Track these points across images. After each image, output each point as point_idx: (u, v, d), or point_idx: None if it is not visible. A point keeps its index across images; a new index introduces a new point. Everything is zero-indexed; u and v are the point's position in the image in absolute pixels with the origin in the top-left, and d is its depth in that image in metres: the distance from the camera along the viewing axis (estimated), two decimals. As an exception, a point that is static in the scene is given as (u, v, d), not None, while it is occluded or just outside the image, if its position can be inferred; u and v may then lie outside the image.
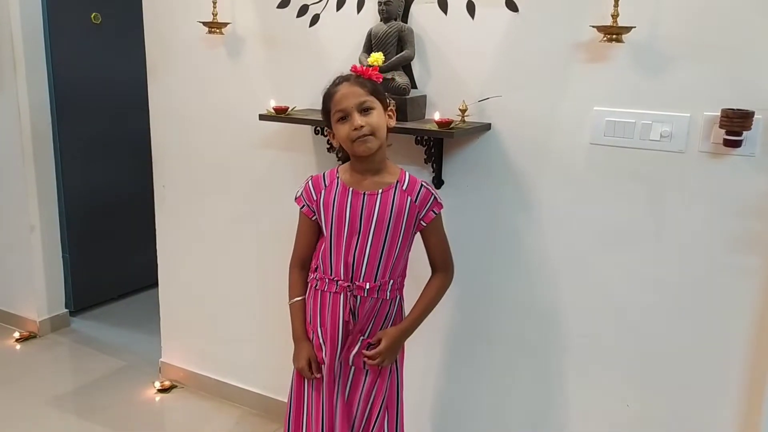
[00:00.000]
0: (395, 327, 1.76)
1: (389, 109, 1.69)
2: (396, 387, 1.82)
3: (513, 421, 2.10)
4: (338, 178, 1.73)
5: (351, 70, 1.68)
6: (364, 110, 1.62)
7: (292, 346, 1.87)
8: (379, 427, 1.78)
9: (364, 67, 1.69)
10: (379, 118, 1.64)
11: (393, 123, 1.70)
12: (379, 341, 1.73)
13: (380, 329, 1.76)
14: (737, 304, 1.73)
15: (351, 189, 1.70)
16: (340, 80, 1.65)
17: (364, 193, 1.68)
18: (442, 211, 1.75)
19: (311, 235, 1.79)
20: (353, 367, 1.78)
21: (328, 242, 1.72)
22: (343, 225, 1.69)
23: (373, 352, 1.72)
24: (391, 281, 1.72)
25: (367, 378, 1.77)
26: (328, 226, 1.71)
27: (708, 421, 1.81)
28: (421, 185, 1.71)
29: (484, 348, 2.10)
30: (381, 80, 1.70)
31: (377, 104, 1.64)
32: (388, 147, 1.74)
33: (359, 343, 1.75)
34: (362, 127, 1.60)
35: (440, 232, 1.78)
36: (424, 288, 1.79)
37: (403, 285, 1.79)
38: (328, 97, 1.65)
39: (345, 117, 1.63)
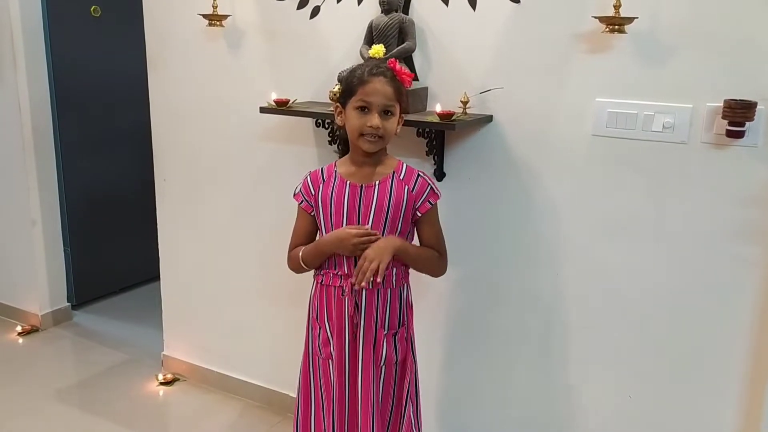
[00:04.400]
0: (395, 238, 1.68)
1: (401, 115, 1.69)
2: (415, 379, 1.82)
3: (514, 411, 2.11)
4: (336, 171, 1.73)
5: (389, 65, 1.66)
6: (386, 113, 1.63)
7: (293, 339, 1.87)
8: (407, 417, 1.78)
9: (400, 67, 1.67)
10: (394, 124, 1.66)
11: (398, 130, 1.70)
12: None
13: (397, 319, 1.74)
14: (739, 295, 1.73)
15: (348, 182, 1.70)
16: (378, 72, 1.63)
17: (362, 185, 1.69)
18: (439, 202, 1.74)
19: (309, 231, 1.79)
20: (377, 363, 1.73)
21: None
22: (341, 218, 1.69)
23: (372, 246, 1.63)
24: (395, 269, 1.72)
25: (396, 370, 1.76)
26: (327, 220, 1.72)
27: (710, 412, 1.82)
28: (418, 175, 1.71)
29: (486, 339, 2.10)
30: (409, 86, 1.71)
31: (397, 110, 1.66)
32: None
33: (384, 340, 1.72)
34: (378, 128, 1.62)
35: (435, 223, 1.76)
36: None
37: (408, 273, 1.78)
38: (359, 82, 1.62)
39: (365, 109, 1.63)
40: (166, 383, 2.78)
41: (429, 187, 1.71)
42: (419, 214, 1.71)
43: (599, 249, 1.88)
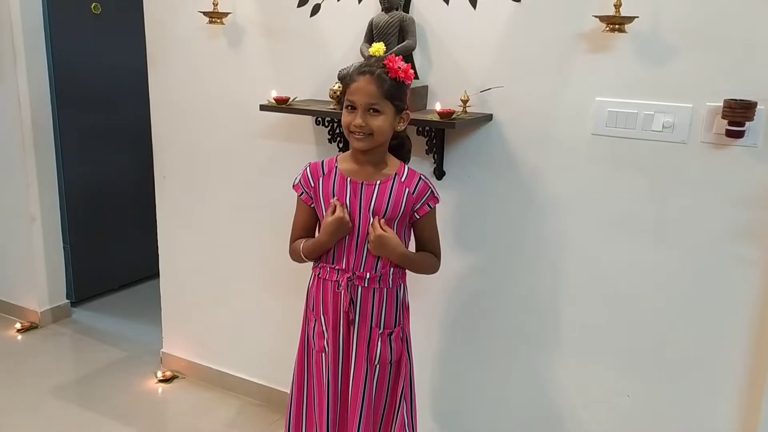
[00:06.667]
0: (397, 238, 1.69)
1: (404, 112, 1.68)
2: (410, 378, 1.82)
3: (513, 410, 2.11)
4: (336, 167, 1.73)
5: (386, 61, 1.63)
6: (372, 110, 1.62)
7: (292, 337, 1.87)
8: (400, 416, 1.79)
9: (397, 66, 1.63)
10: (384, 122, 1.63)
11: (402, 128, 1.69)
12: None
13: (393, 319, 1.74)
14: (738, 295, 1.73)
15: (349, 179, 1.70)
16: (365, 71, 1.62)
17: (362, 183, 1.69)
18: (438, 205, 1.74)
19: (309, 221, 1.80)
20: (371, 361, 1.73)
21: None
22: None
23: (377, 229, 1.65)
24: (392, 269, 1.72)
25: (391, 370, 1.76)
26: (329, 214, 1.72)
27: (708, 412, 1.82)
28: (420, 178, 1.71)
29: (485, 338, 2.10)
30: (410, 81, 1.68)
31: (388, 109, 1.63)
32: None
33: (379, 339, 1.73)
34: (362, 126, 1.61)
35: (433, 226, 1.77)
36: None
37: (405, 275, 1.79)
38: (349, 80, 1.65)
39: (352, 107, 1.63)
40: (165, 380, 2.78)
41: (429, 191, 1.71)
42: (417, 217, 1.72)
43: (598, 248, 1.88)
